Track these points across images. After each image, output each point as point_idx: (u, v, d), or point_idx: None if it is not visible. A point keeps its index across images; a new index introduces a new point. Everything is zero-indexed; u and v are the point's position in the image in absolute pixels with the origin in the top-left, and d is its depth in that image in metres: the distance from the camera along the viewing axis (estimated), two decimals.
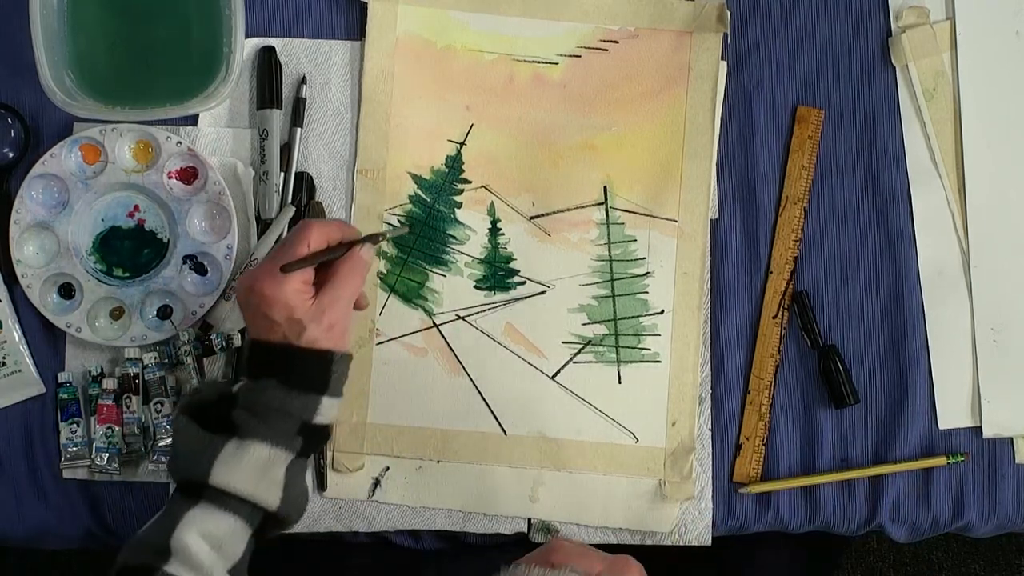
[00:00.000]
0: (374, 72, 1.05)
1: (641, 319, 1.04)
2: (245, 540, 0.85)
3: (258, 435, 0.84)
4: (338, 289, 0.87)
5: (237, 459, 0.83)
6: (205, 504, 0.83)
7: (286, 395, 0.85)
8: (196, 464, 0.84)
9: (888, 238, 1.05)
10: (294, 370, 0.85)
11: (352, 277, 0.88)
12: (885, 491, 1.03)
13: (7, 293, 1.03)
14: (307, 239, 0.87)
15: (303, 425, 0.86)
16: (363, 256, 0.89)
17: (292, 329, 0.85)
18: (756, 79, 1.06)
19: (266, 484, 0.84)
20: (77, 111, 0.99)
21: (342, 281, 0.87)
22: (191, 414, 0.86)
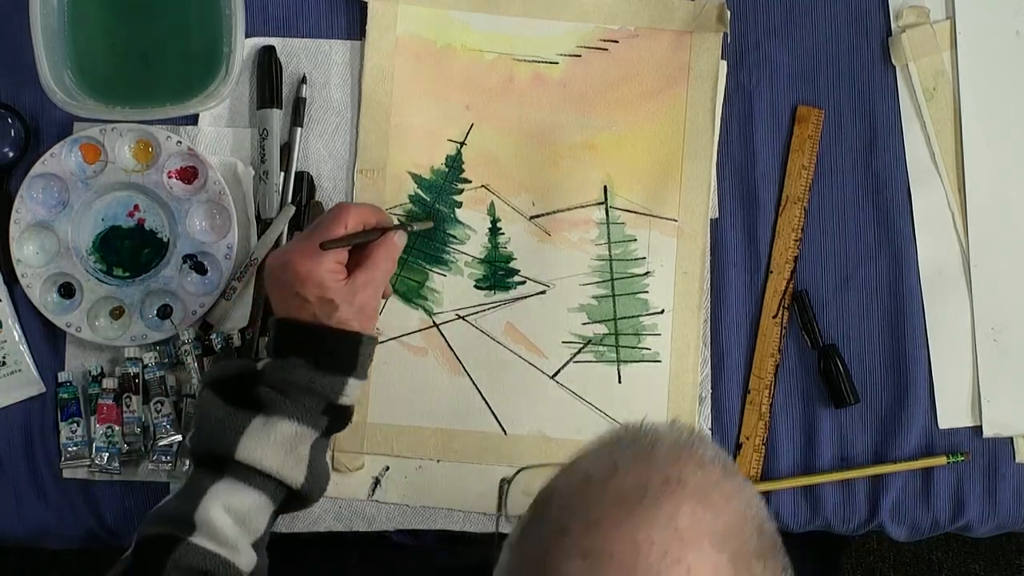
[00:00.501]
0: (374, 72, 1.05)
1: (641, 319, 1.04)
2: (268, 516, 0.86)
3: (285, 412, 0.85)
4: (371, 271, 0.88)
5: (264, 435, 0.84)
6: (230, 479, 0.84)
7: (314, 374, 0.86)
8: (221, 438, 0.84)
9: (888, 237, 1.05)
10: (323, 350, 0.86)
11: (386, 261, 0.90)
12: (885, 491, 1.03)
13: (7, 293, 1.03)
14: (344, 220, 0.88)
15: (328, 405, 0.87)
16: (396, 242, 0.91)
17: (323, 308, 0.86)
18: (756, 78, 1.06)
19: (292, 461, 0.85)
20: (77, 111, 0.99)
21: (376, 264, 0.89)
22: (215, 389, 0.86)
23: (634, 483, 0.62)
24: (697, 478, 0.62)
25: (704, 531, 0.60)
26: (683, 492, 0.61)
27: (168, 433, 1.00)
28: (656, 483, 0.61)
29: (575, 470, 0.65)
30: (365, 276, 0.88)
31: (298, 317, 0.87)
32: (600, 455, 0.65)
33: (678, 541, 0.59)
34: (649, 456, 0.63)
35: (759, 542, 0.62)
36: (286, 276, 0.87)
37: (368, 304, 0.88)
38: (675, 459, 0.63)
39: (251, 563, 0.84)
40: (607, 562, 0.58)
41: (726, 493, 0.63)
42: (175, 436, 1.00)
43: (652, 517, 0.60)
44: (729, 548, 0.60)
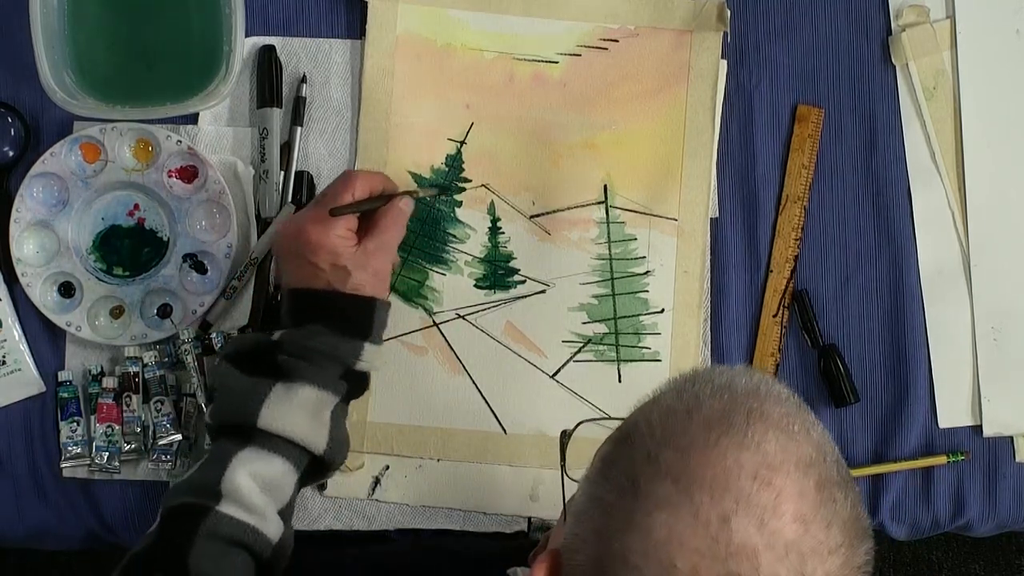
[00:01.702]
0: (374, 71, 1.05)
1: (641, 318, 1.04)
2: (293, 483, 0.87)
3: (306, 378, 0.86)
4: (381, 236, 0.90)
5: (286, 401, 0.85)
6: (254, 447, 0.84)
7: (331, 339, 0.87)
8: (243, 407, 0.85)
9: (888, 237, 1.05)
10: (339, 315, 0.88)
11: (395, 226, 0.92)
12: (885, 490, 1.03)
13: (7, 292, 1.03)
14: (352, 187, 0.90)
15: (347, 370, 0.88)
16: (404, 208, 0.93)
17: (337, 275, 0.88)
18: (756, 78, 1.06)
19: (314, 427, 0.86)
20: (77, 110, 0.99)
21: (386, 229, 0.91)
22: (233, 361, 0.88)
23: (720, 413, 0.63)
24: (778, 411, 0.64)
25: (790, 457, 0.61)
26: (767, 422, 0.62)
27: (168, 432, 1.00)
28: (741, 413, 0.63)
29: (656, 404, 0.66)
30: (376, 242, 0.90)
31: (312, 286, 0.89)
32: (681, 390, 0.66)
33: (766, 466, 0.60)
34: (729, 390, 0.65)
35: (839, 473, 0.64)
36: (298, 245, 0.88)
37: (381, 269, 0.90)
38: (755, 393, 0.65)
39: (279, 531, 0.85)
40: (698, 486, 0.60)
41: (805, 425, 0.64)
42: (175, 435, 1.00)
43: (740, 443, 0.61)
44: (814, 474, 0.61)
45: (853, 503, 0.63)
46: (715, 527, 0.58)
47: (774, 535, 0.58)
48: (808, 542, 0.59)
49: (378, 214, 0.92)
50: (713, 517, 0.59)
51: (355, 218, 0.91)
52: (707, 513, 0.59)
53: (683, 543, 0.58)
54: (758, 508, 0.59)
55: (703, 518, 0.59)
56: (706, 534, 0.58)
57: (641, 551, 0.59)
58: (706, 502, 0.59)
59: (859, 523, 0.63)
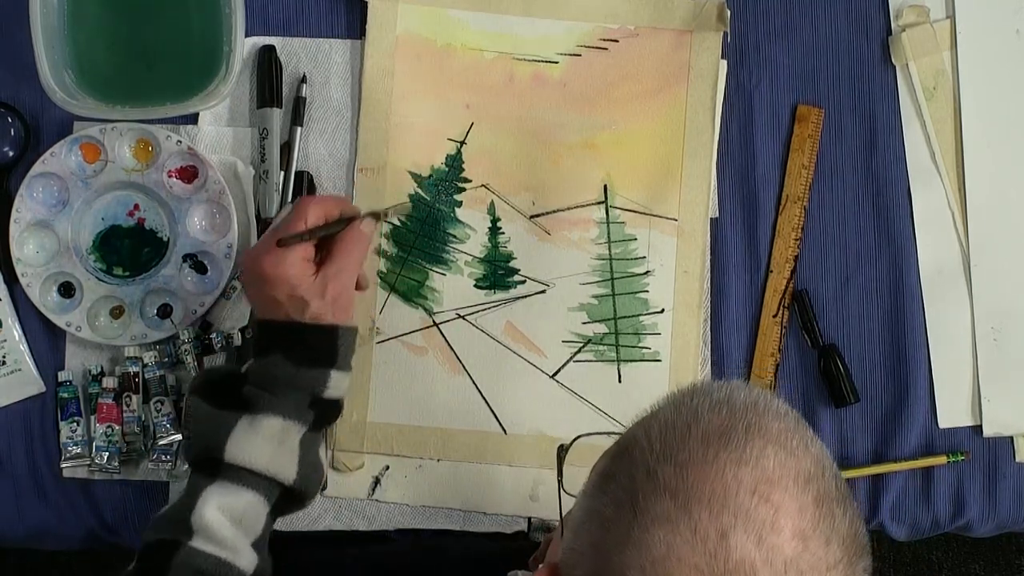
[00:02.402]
0: (374, 71, 1.05)
1: (641, 318, 1.04)
2: (264, 515, 0.86)
3: (270, 408, 0.85)
4: (339, 261, 0.88)
5: (251, 433, 0.84)
6: (223, 480, 0.84)
7: (294, 369, 0.86)
8: (211, 441, 0.84)
9: (888, 237, 1.05)
10: (300, 345, 0.87)
11: (353, 250, 0.89)
12: (885, 490, 1.03)
13: (7, 292, 1.03)
14: (303, 216, 0.88)
15: (314, 399, 0.87)
16: (364, 230, 0.90)
17: (295, 306, 0.86)
18: (756, 78, 1.06)
19: (281, 457, 0.85)
20: (77, 110, 0.99)
21: (343, 253, 0.88)
22: (202, 394, 0.87)
23: (719, 428, 0.63)
24: (777, 426, 0.64)
25: (789, 472, 0.61)
26: (766, 437, 0.62)
27: (168, 432, 1.00)
28: (740, 428, 0.63)
29: (654, 419, 0.66)
30: (335, 267, 0.88)
31: (273, 316, 0.87)
32: (679, 405, 0.66)
33: (765, 481, 0.60)
34: (728, 405, 0.65)
35: (837, 488, 0.63)
36: (254, 278, 0.87)
37: (341, 295, 0.88)
38: (753, 408, 0.65)
39: (252, 563, 0.84)
40: (697, 501, 0.59)
41: (804, 440, 0.64)
42: (175, 435, 1.00)
43: (738, 458, 0.61)
44: (812, 490, 0.61)
45: (852, 519, 0.63)
46: (713, 543, 0.58)
47: (773, 551, 0.58)
48: (807, 558, 0.59)
49: (337, 238, 0.90)
50: (711, 533, 0.58)
51: (311, 246, 0.88)
52: (705, 529, 0.58)
53: (681, 559, 0.58)
54: (757, 524, 0.59)
55: (701, 534, 0.58)
56: (704, 550, 0.58)
57: (639, 566, 0.59)
58: (704, 518, 0.59)
59: (858, 539, 0.62)
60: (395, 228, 1.04)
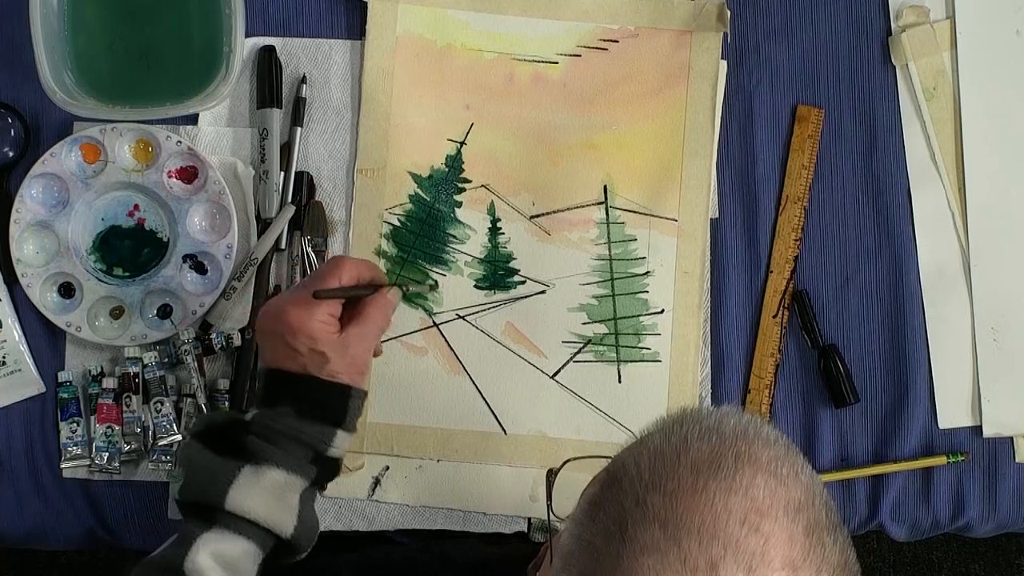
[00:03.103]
0: (374, 71, 1.05)
1: (641, 318, 1.04)
2: (256, 565, 0.84)
3: (274, 461, 0.84)
4: (365, 325, 0.87)
5: (253, 484, 0.83)
6: (219, 528, 0.82)
7: (302, 423, 0.85)
8: (211, 488, 0.83)
9: (888, 237, 1.05)
10: (312, 400, 0.85)
11: (379, 316, 0.88)
12: (885, 490, 1.03)
13: (7, 292, 1.03)
14: (340, 272, 0.86)
15: (317, 455, 0.86)
16: (390, 298, 0.90)
17: (314, 360, 0.85)
18: (756, 79, 1.06)
19: (281, 510, 0.84)
20: (77, 110, 0.99)
21: (369, 318, 0.87)
22: (203, 440, 0.85)
23: (708, 456, 0.63)
24: (767, 454, 0.63)
25: (779, 502, 0.61)
26: (756, 465, 0.62)
27: (168, 433, 1.00)
28: (730, 456, 0.62)
29: (644, 446, 0.66)
30: (358, 330, 0.87)
31: (288, 367, 0.86)
32: (668, 432, 0.66)
33: (755, 511, 0.60)
34: (717, 432, 0.64)
35: (828, 517, 0.63)
36: (278, 326, 0.85)
37: (360, 358, 0.87)
38: (743, 435, 0.64)
39: None
40: (686, 531, 0.59)
41: (794, 468, 0.64)
42: (175, 436, 1.00)
43: (728, 487, 0.61)
44: (803, 519, 0.61)
45: (842, 547, 0.62)
46: (703, 573, 0.58)
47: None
48: None
49: (364, 302, 0.89)
50: (701, 563, 0.58)
51: (339, 304, 0.87)
52: (695, 559, 0.58)
53: None
54: (746, 554, 0.58)
55: (691, 564, 0.58)
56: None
57: None
58: (694, 548, 0.58)
59: (848, 568, 0.62)
60: (395, 228, 1.04)
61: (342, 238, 1.04)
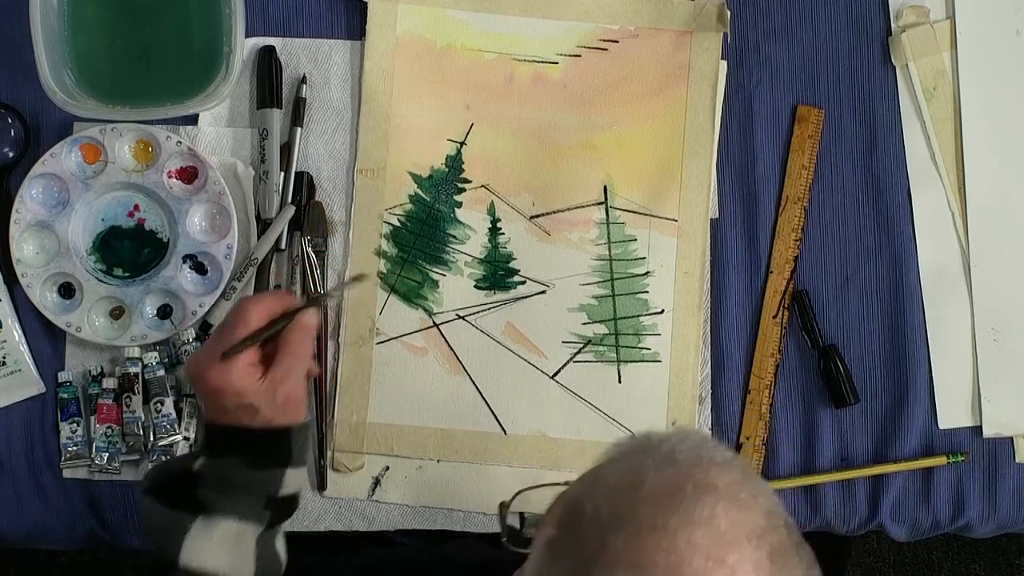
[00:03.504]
0: (374, 72, 1.05)
1: (641, 318, 1.04)
2: None
3: (225, 511, 0.82)
4: (286, 362, 0.84)
5: (206, 537, 0.81)
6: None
7: (249, 473, 0.83)
8: (166, 544, 0.82)
9: (888, 237, 1.05)
10: (255, 449, 0.83)
11: (300, 347, 0.85)
12: (885, 490, 1.03)
13: (7, 293, 1.03)
14: (245, 320, 0.83)
15: (269, 499, 0.84)
16: (308, 322, 0.86)
17: (245, 413, 0.83)
18: (756, 79, 1.06)
19: (238, 559, 0.83)
20: (77, 111, 0.99)
21: (291, 351, 0.84)
22: (155, 494, 0.84)
23: (666, 489, 0.62)
24: (724, 480, 0.63)
25: (741, 530, 0.61)
26: (715, 494, 0.62)
27: (168, 433, 1.00)
28: (687, 487, 0.62)
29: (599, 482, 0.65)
30: (283, 369, 0.83)
31: (223, 422, 0.83)
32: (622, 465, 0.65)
33: (719, 542, 0.60)
34: (673, 462, 0.64)
35: (789, 536, 0.63)
36: (200, 387, 0.83)
37: (292, 396, 0.84)
38: (698, 463, 0.64)
39: None
40: (652, 569, 0.59)
41: (752, 491, 0.63)
42: (175, 436, 1.00)
43: (690, 521, 0.60)
44: (766, 545, 0.61)
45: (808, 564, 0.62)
46: None
47: None
48: None
49: (283, 336, 0.85)
50: None
51: (256, 349, 0.84)
52: None
53: None
54: None
55: None
56: None
57: None
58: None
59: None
60: (395, 229, 1.04)
61: (342, 238, 1.04)
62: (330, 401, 1.03)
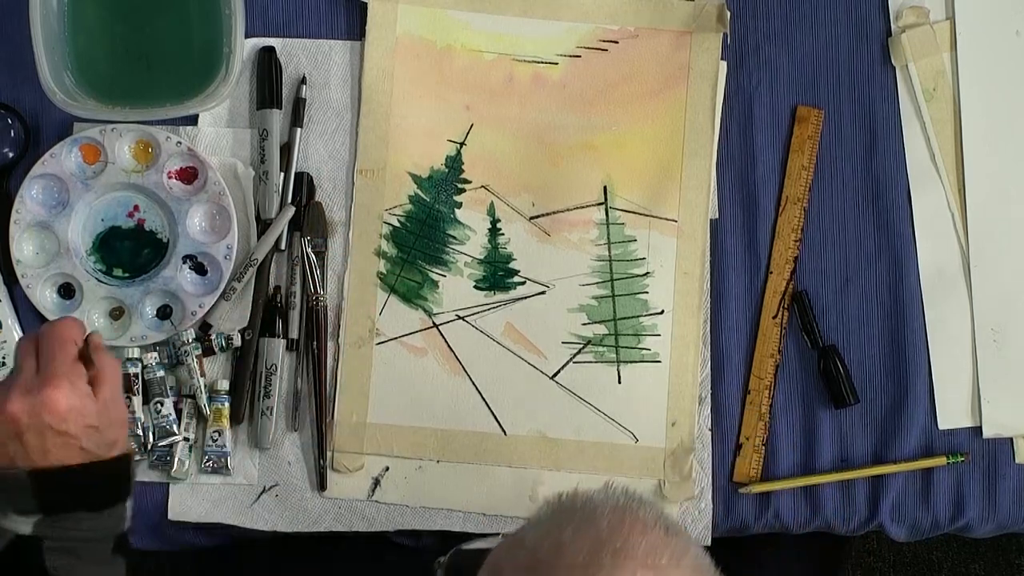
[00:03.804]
0: (374, 72, 1.05)
1: (641, 319, 1.04)
2: None
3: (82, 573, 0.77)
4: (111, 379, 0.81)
5: None
6: None
7: (98, 518, 0.78)
8: None
9: (888, 238, 1.05)
10: (100, 488, 0.78)
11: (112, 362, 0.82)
12: (885, 491, 1.03)
13: (7, 293, 1.03)
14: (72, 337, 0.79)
15: (117, 540, 0.80)
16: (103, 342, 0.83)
17: (90, 436, 0.77)
18: (756, 80, 1.06)
19: None
20: (77, 111, 0.99)
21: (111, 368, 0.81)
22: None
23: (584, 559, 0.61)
24: (644, 543, 0.62)
25: None
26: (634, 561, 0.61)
27: (168, 434, 1.00)
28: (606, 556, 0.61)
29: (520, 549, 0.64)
30: (109, 390, 0.80)
31: (65, 461, 0.76)
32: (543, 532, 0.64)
33: None
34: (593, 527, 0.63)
35: None
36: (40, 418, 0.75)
37: (121, 414, 0.81)
38: (619, 526, 0.63)
39: None
40: None
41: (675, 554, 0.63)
42: (175, 436, 1.00)
43: None
44: None
45: None
46: None
47: None
48: None
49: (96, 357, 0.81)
50: None
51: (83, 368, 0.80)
52: None
53: None
54: None
55: None
56: None
57: None
58: None
59: None
60: (395, 229, 1.04)
61: (342, 239, 1.04)
62: (330, 401, 1.03)
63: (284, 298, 1.03)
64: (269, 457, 1.03)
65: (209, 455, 1.01)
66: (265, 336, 1.02)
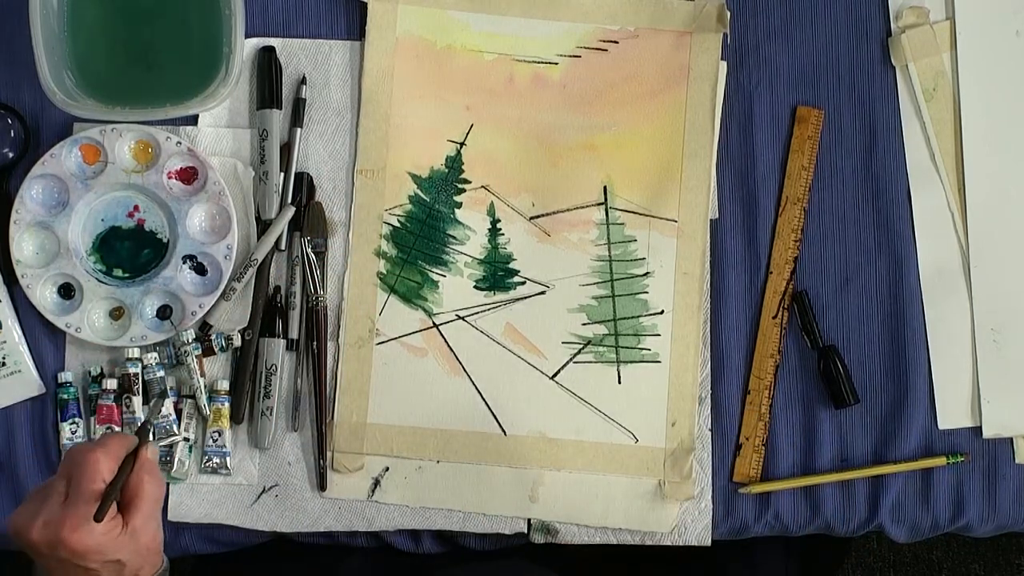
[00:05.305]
0: (374, 72, 1.05)
1: (641, 319, 1.04)
2: None
3: None
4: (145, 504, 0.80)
5: None
6: None
7: None
8: None
9: (888, 238, 1.05)
10: None
11: (153, 483, 0.81)
12: (885, 491, 1.03)
13: (7, 293, 1.03)
14: (96, 471, 0.78)
15: None
16: (151, 457, 0.83)
17: (113, 570, 0.78)
18: (756, 80, 1.06)
19: None
20: (77, 111, 0.99)
21: (146, 494, 0.80)
22: None
23: None
24: None
25: None
26: None
27: (168, 434, 1.00)
28: None
29: None
30: (142, 515, 0.79)
31: None
32: None
33: None
34: None
35: None
36: (61, 555, 0.77)
37: (153, 541, 0.81)
38: None
39: None
40: None
41: None
42: (175, 436, 1.00)
43: None
44: None
45: None
46: None
47: None
48: None
49: (132, 480, 0.80)
50: None
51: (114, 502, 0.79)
52: None
53: None
54: None
55: None
56: None
57: None
58: None
59: None
60: (395, 229, 1.04)
61: (342, 239, 1.04)
62: (330, 402, 1.03)
63: (284, 298, 1.03)
64: (269, 457, 1.03)
65: (209, 455, 1.01)
66: (265, 336, 1.02)
